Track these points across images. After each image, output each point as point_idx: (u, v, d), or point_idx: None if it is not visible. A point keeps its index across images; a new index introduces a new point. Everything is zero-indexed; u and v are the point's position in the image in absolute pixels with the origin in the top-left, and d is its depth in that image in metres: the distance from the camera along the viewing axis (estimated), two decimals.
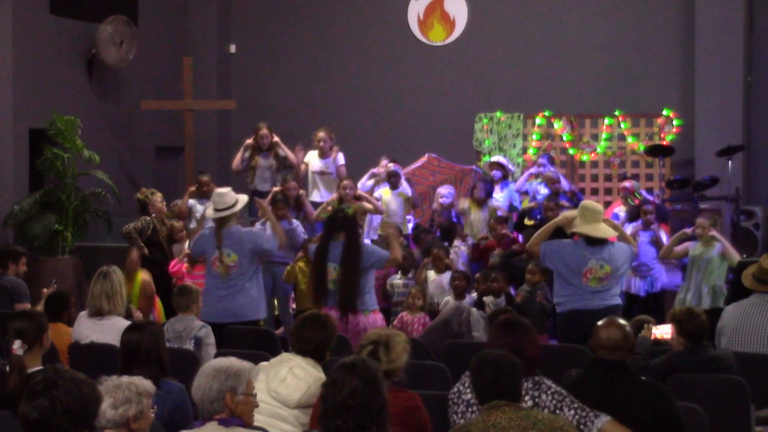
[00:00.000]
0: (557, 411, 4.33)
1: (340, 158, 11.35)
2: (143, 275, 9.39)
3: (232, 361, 4.19)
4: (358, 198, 10.53)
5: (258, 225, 9.82)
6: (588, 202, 8.15)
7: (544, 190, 11.47)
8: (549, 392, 4.41)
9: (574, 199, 10.95)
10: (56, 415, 3.14)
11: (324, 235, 8.13)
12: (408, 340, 4.90)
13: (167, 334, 6.84)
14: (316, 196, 11.29)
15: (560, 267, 7.58)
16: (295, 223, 10.02)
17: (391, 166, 11.38)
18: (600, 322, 4.90)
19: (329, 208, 9.75)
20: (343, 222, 7.92)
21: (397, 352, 4.72)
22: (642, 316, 6.74)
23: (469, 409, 4.48)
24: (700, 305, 8.33)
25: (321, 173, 11.30)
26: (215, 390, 4.05)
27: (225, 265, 7.99)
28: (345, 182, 10.58)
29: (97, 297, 6.75)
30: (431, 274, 9.41)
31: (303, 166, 11.39)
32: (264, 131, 11.30)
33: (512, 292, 9.07)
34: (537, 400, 4.39)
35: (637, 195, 10.95)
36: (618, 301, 7.67)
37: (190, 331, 6.81)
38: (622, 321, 4.86)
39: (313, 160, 11.35)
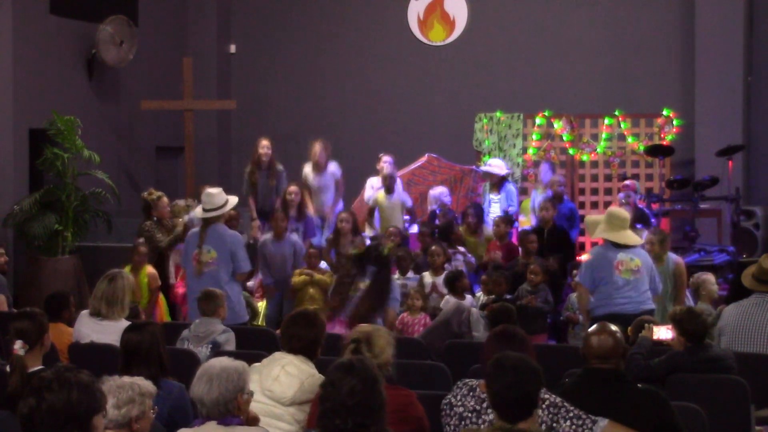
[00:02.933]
0: (554, 425, 4.26)
1: (337, 170, 11.28)
2: (149, 269, 9.48)
3: (233, 362, 4.19)
4: (355, 232, 10.37)
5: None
6: (615, 209, 8.32)
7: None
8: (544, 406, 4.32)
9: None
10: (40, 414, 3.18)
11: (355, 264, 8.17)
12: (390, 333, 4.89)
13: (188, 333, 6.84)
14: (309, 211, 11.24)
15: (596, 271, 7.76)
16: (295, 237, 10.02)
17: (387, 169, 11.27)
18: (591, 329, 4.88)
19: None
20: (376, 260, 7.98)
21: (380, 346, 4.70)
22: (644, 316, 6.75)
23: (462, 423, 4.42)
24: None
25: (318, 188, 11.25)
26: (231, 391, 4.06)
27: (202, 262, 8.07)
28: (342, 215, 10.21)
29: (99, 299, 6.74)
30: (427, 276, 9.34)
31: (304, 181, 11.26)
32: (264, 142, 11.19)
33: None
34: None
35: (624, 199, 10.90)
36: (651, 304, 7.75)
37: (210, 334, 6.79)
38: (613, 327, 4.82)
39: (309, 176, 11.29)
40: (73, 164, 11.29)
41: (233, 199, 8.53)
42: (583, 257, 8.99)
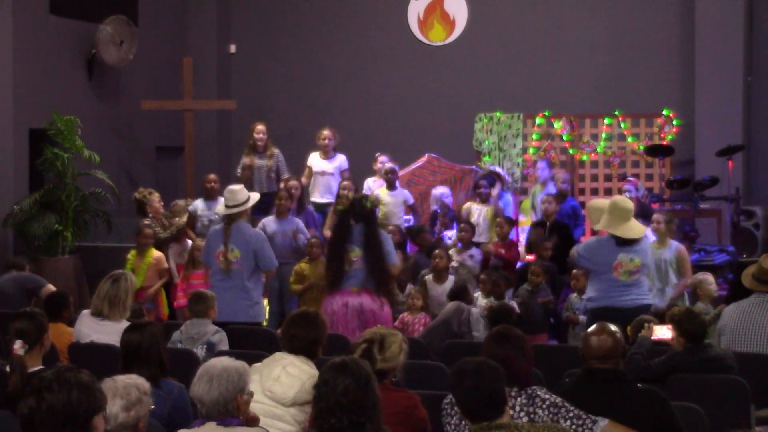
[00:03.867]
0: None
1: (345, 163, 11.33)
2: (155, 252, 9.50)
3: (234, 362, 4.19)
4: None
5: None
6: (618, 198, 8.04)
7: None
8: (544, 406, 4.33)
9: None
10: (40, 414, 3.17)
11: (340, 223, 8.15)
12: (405, 339, 4.88)
13: (180, 335, 6.85)
14: (315, 197, 11.28)
15: (592, 264, 7.74)
16: (298, 219, 10.01)
17: (389, 164, 11.29)
18: (590, 329, 4.87)
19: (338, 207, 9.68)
20: (361, 213, 7.95)
21: (393, 351, 4.71)
22: (644, 316, 6.75)
23: (463, 422, 4.41)
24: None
25: (322, 173, 11.27)
26: (231, 391, 4.06)
27: (228, 260, 8.02)
28: (345, 183, 10.53)
29: (102, 299, 6.74)
30: (430, 280, 9.30)
31: (306, 170, 11.32)
32: (260, 127, 11.25)
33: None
34: (533, 416, 4.31)
35: (638, 187, 10.95)
36: (649, 299, 7.75)
37: (203, 335, 6.80)
38: (612, 327, 4.82)
39: (315, 160, 11.31)
40: (73, 164, 11.30)
41: (255, 196, 8.52)
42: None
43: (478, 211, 10.77)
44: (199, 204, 10.50)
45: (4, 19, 11.45)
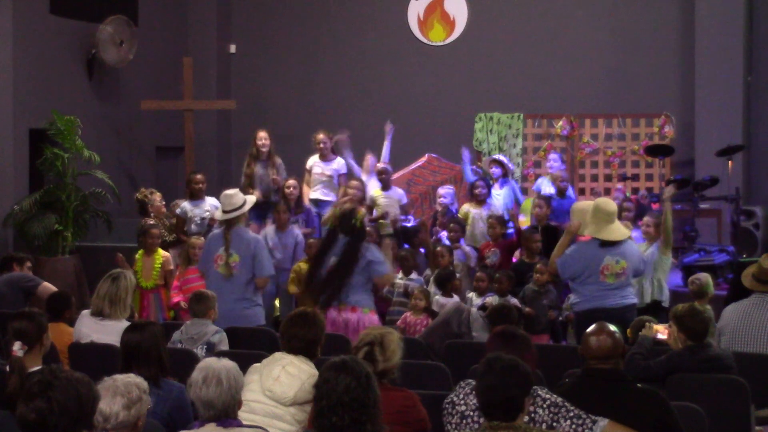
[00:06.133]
0: (554, 424, 4.26)
1: (343, 168, 11.28)
2: (163, 252, 9.57)
3: (228, 361, 4.19)
4: (362, 201, 10.46)
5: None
6: (602, 201, 8.08)
7: (549, 188, 11.42)
8: (545, 405, 4.31)
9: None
10: (53, 416, 3.13)
11: (329, 236, 8.09)
12: (400, 337, 4.92)
13: (180, 335, 6.85)
14: (317, 194, 11.23)
15: (577, 270, 7.69)
16: (297, 230, 10.02)
17: (381, 164, 11.25)
18: (589, 329, 4.86)
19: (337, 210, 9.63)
20: (348, 230, 7.87)
21: (392, 350, 4.75)
22: (643, 316, 6.75)
23: (464, 421, 4.42)
24: (642, 300, 8.48)
25: (321, 174, 11.25)
26: (238, 391, 4.07)
27: (228, 265, 7.98)
28: (353, 182, 10.47)
29: (102, 298, 6.73)
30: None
31: (306, 174, 11.27)
32: (261, 134, 11.13)
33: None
34: (533, 415, 4.29)
35: (627, 195, 10.97)
36: (634, 299, 7.80)
37: (203, 335, 6.79)
38: (611, 327, 4.81)
39: (314, 163, 11.27)
40: (73, 164, 11.31)
41: (251, 199, 8.46)
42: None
43: (477, 215, 10.72)
44: (186, 206, 10.39)
45: (4, 19, 11.45)
